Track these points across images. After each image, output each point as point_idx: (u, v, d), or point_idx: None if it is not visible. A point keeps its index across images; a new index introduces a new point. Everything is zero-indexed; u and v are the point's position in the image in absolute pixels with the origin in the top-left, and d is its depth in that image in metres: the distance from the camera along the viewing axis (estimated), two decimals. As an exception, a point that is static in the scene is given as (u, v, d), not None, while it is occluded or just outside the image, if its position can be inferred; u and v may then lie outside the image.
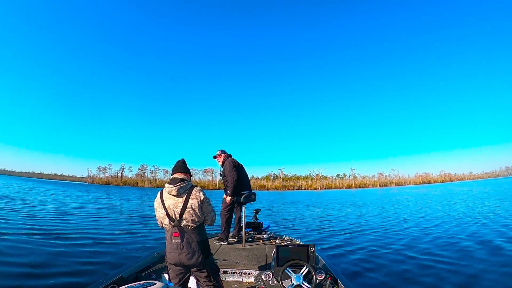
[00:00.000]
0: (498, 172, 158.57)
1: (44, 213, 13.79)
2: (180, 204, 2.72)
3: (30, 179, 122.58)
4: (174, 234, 2.70)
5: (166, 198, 2.76)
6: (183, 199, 2.73)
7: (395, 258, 6.72)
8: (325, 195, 55.74)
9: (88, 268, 5.63)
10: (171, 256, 2.75)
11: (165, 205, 2.73)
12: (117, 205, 22.17)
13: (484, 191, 38.70)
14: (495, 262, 6.10)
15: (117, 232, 10.02)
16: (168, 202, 2.74)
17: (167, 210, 2.72)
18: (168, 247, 2.77)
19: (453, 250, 7.23)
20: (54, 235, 8.56)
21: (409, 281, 5.23)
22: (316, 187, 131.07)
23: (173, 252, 2.72)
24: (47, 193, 31.19)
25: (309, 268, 3.10)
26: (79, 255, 6.52)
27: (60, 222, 11.42)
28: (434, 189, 57.57)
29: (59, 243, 7.52)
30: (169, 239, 2.75)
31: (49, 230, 9.29)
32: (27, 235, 8.30)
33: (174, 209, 2.72)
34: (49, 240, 7.84)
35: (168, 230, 2.76)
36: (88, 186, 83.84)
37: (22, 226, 9.60)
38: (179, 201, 2.73)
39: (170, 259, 2.77)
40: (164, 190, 2.81)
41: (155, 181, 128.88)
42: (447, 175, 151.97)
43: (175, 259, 2.73)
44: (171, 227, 2.73)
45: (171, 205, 2.72)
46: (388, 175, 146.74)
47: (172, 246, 2.72)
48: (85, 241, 8.03)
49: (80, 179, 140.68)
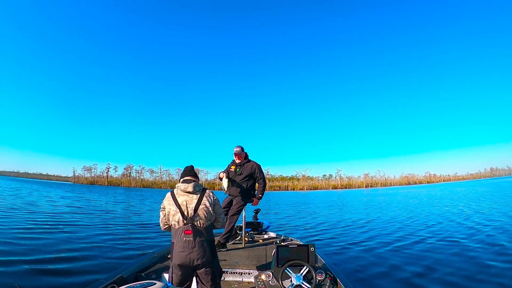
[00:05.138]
0: (482, 173, 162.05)
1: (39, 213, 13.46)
2: (194, 201, 2.78)
3: (14, 178, 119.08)
4: (187, 232, 2.67)
5: (179, 195, 2.80)
6: (198, 196, 2.81)
7: (395, 257, 6.80)
8: (313, 195, 56.07)
9: (88, 268, 5.59)
10: (180, 255, 2.67)
11: (178, 202, 2.76)
12: (114, 205, 21.81)
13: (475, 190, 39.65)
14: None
15: (117, 232, 9.95)
16: (182, 199, 2.78)
17: (180, 206, 2.74)
18: (177, 246, 2.69)
19: (454, 249, 7.34)
20: (53, 235, 8.48)
21: (409, 280, 5.28)
22: (302, 187, 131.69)
23: (183, 251, 2.66)
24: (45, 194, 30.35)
25: (309, 268, 3.14)
26: (79, 255, 6.45)
27: (60, 222, 11.21)
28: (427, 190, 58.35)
29: (59, 243, 7.43)
30: (178, 238, 2.69)
31: (49, 230, 9.17)
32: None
33: (188, 205, 2.75)
34: (48, 240, 7.76)
35: (177, 229, 2.73)
36: (73, 186, 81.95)
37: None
38: (193, 198, 2.79)
39: (178, 259, 2.68)
40: (176, 189, 2.87)
41: (141, 181, 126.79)
42: (432, 176, 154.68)
43: (184, 258, 2.66)
44: (182, 225, 2.71)
45: (184, 201, 2.76)
46: (374, 176, 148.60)
47: (182, 244, 2.67)
48: (85, 241, 7.94)
49: (65, 178, 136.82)
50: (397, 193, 50.13)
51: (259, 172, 5.24)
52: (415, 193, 45.39)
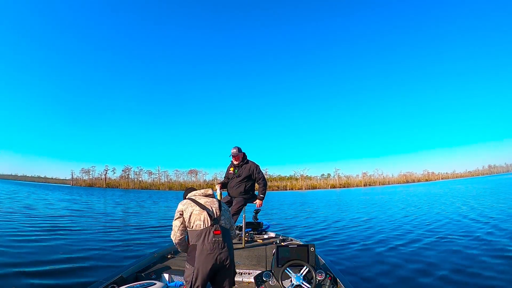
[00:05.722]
0: (481, 171, 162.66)
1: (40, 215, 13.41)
2: (216, 202, 2.81)
3: (12, 181, 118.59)
4: (216, 232, 2.59)
5: (199, 198, 2.81)
6: (217, 200, 2.86)
7: (395, 256, 6.80)
8: (311, 195, 56.04)
9: (88, 268, 5.59)
10: (209, 257, 2.53)
11: (201, 202, 2.74)
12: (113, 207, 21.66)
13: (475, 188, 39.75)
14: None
15: (117, 232, 9.92)
16: (204, 200, 2.78)
17: (205, 206, 2.71)
18: (206, 247, 2.54)
19: (454, 247, 7.34)
20: (53, 237, 8.48)
21: (410, 279, 5.29)
22: (301, 187, 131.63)
23: (212, 252, 2.53)
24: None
25: (309, 268, 3.15)
26: (79, 255, 6.46)
27: (59, 224, 11.15)
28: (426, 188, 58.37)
29: (58, 245, 7.42)
30: (205, 239, 2.57)
31: (48, 232, 9.14)
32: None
33: (212, 205, 2.75)
34: (48, 240, 7.80)
35: (202, 230, 2.60)
36: (71, 188, 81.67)
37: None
38: (214, 200, 2.82)
39: (207, 261, 2.53)
40: (194, 194, 2.89)
41: (139, 183, 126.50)
42: (431, 174, 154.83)
43: (212, 259, 2.53)
44: (208, 226, 2.62)
45: (207, 202, 2.76)
46: (372, 175, 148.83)
47: (210, 245, 2.54)
48: (84, 242, 7.94)
49: (63, 181, 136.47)
50: (396, 191, 50.14)
51: (257, 172, 5.25)
52: (414, 191, 45.46)
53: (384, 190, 61.52)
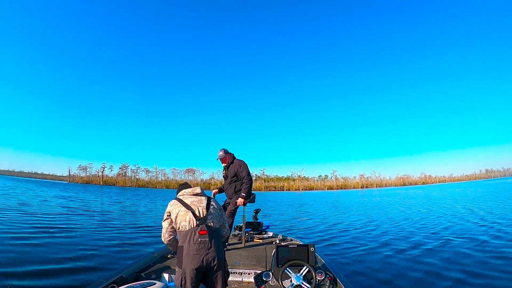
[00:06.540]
0: (478, 175, 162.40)
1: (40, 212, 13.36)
2: (204, 201, 2.75)
3: (9, 177, 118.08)
4: (202, 232, 2.54)
5: (186, 197, 2.76)
6: (206, 198, 2.80)
7: (395, 258, 6.85)
8: (308, 196, 56.13)
9: (88, 268, 5.58)
10: (195, 258, 2.49)
11: (187, 203, 2.69)
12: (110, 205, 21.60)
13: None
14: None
15: (116, 232, 9.91)
16: (191, 200, 2.73)
17: (190, 206, 2.66)
18: (191, 249, 2.51)
19: (453, 249, 7.42)
20: (51, 235, 8.48)
21: (409, 280, 5.32)
22: (298, 188, 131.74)
23: (198, 252, 2.49)
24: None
25: (309, 268, 3.15)
26: (79, 255, 6.43)
27: (57, 223, 11.13)
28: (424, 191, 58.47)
29: (57, 244, 7.40)
30: (191, 240, 2.53)
31: (46, 231, 9.12)
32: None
33: (199, 204, 2.69)
34: (46, 240, 7.74)
35: (188, 231, 2.56)
36: (68, 185, 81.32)
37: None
38: (202, 199, 2.77)
39: (193, 262, 2.49)
40: (182, 194, 2.82)
41: (136, 181, 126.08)
42: (428, 177, 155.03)
43: (199, 261, 2.49)
44: (194, 226, 2.57)
45: (194, 201, 2.71)
46: (369, 177, 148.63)
47: (197, 246, 2.50)
48: (84, 241, 7.93)
49: (60, 178, 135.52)
50: (394, 193, 50.35)
51: (241, 171, 5.15)
52: (412, 194, 45.63)
53: (382, 192, 61.71)
